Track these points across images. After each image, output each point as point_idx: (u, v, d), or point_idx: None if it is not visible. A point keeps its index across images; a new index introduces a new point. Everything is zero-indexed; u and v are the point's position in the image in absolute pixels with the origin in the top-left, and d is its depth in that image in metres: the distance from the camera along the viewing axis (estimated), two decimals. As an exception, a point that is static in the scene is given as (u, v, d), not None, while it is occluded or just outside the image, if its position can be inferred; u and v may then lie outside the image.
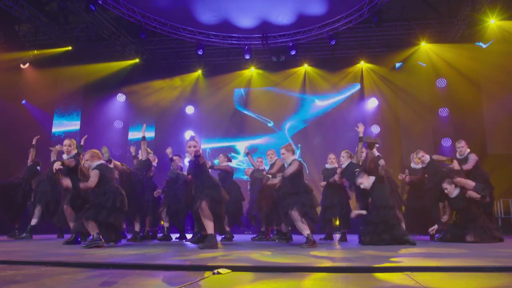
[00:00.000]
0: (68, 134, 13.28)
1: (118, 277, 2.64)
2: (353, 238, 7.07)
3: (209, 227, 5.19)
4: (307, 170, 12.48)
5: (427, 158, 7.27)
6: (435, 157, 7.40)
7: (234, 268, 2.91)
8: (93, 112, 14.15)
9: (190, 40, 13.25)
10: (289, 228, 6.80)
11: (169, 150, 8.02)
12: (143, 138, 7.52)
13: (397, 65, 13.67)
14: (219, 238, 7.08)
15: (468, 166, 6.71)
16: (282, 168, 6.71)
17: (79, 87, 14.10)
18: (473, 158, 6.84)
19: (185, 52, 14.61)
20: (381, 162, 6.38)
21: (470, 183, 6.16)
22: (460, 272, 2.84)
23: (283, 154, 6.20)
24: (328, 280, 2.56)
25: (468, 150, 6.94)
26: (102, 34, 13.15)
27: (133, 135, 14.22)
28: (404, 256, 4.00)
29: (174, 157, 7.86)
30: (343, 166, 7.28)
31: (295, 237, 7.12)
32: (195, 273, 2.80)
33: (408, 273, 2.76)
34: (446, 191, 6.28)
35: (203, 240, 5.70)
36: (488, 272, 2.78)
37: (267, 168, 7.84)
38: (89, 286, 2.33)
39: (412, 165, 7.78)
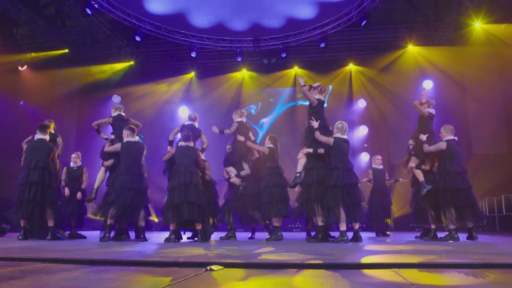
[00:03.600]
0: (65, 135, 13.62)
1: (114, 273, 2.67)
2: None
3: None
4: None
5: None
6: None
7: (226, 265, 2.93)
8: (89, 113, 14.47)
9: (183, 42, 13.52)
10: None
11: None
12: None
13: None
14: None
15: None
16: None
17: (76, 89, 14.45)
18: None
19: (179, 55, 14.87)
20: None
21: None
22: (446, 268, 2.89)
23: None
24: (318, 277, 2.60)
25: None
26: (98, 37, 13.43)
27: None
28: (392, 253, 4.07)
29: None
30: None
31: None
32: (189, 269, 2.81)
33: (396, 269, 2.79)
34: None
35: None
36: (474, 269, 2.82)
37: None
38: (85, 282, 2.35)
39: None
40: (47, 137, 6.82)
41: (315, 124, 6.19)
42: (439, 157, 6.54)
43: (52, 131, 7.16)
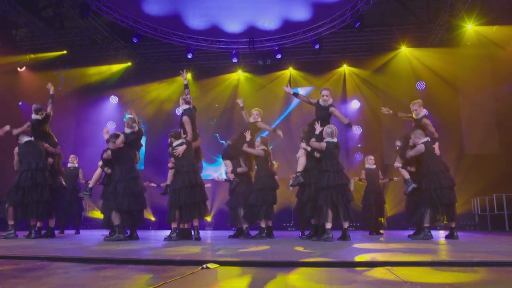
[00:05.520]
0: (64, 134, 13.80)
1: (111, 271, 2.70)
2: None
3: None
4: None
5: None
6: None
7: (222, 263, 2.97)
8: (87, 113, 14.64)
9: (180, 44, 13.69)
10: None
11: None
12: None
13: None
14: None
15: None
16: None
17: (74, 90, 14.60)
18: None
19: (175, 56, 15.04)
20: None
21: None
22: (439, 266, 2.91)
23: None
24: (313, 275, 2.62)
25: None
26: (95, 39, 13.58)
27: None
28: (386, 251, 4.11)
29: None
30: None
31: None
32: (185, 267, 2.83)
33: (389, 267, 2.81)
34: None
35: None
36: (466, 267, 2.86)
37: None
38: (83, 280, 2.38)
39: None
40: (32, 138, 7.08)
41: (318, 128, 6.33)
42: (419, 159, 6.71)
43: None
